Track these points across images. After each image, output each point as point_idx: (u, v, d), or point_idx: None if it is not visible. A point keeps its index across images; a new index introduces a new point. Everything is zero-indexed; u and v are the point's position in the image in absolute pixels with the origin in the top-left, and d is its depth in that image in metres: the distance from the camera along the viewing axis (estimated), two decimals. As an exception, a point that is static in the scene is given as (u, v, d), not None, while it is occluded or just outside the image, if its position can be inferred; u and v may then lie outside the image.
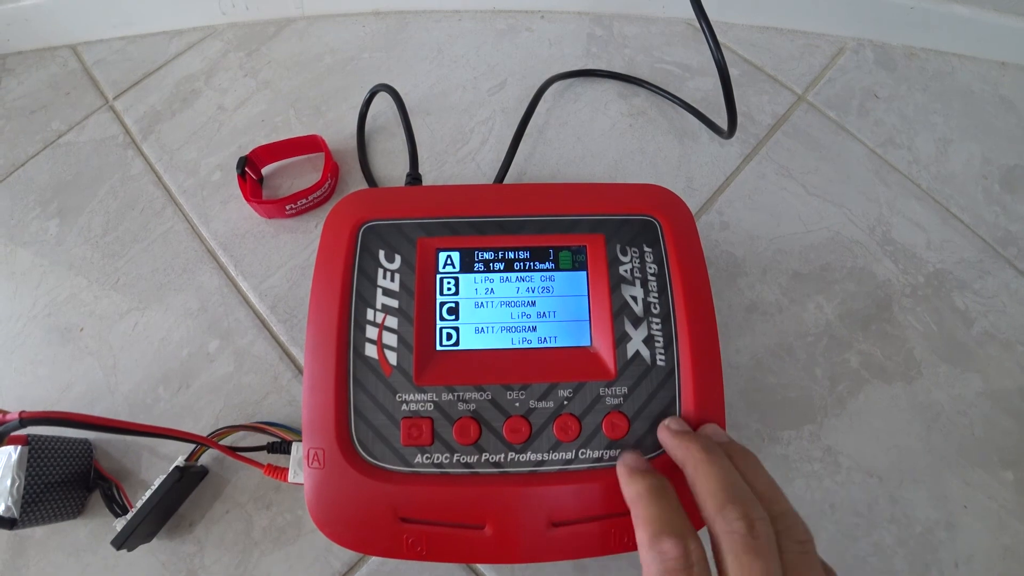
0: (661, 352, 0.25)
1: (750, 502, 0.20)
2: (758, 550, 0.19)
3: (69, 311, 0.38)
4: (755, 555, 0.19)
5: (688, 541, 0.19)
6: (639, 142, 0.44)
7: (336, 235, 0.27)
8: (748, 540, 0.19)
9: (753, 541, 0.19)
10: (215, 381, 0.35)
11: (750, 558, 0.19)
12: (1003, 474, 0.35)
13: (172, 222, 0.41)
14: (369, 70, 0.47)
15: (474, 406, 0.24)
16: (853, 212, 0.42)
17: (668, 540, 0.19)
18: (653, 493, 0.21)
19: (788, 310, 0.38)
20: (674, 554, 0.19)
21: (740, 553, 0.19)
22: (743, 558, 0.19)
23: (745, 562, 0.19)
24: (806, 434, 0.35)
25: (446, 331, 0.26)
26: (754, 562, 0.19)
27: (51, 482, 0.30)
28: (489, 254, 0.27)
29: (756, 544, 0.19)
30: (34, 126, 0.46)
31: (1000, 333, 0.39)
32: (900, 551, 0.33)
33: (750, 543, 0.19)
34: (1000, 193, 0.44)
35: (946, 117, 0.47)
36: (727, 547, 0.19)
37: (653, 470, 0.23)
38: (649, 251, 0.27)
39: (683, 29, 0.50)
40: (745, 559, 0.19)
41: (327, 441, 0.24)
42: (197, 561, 0.31)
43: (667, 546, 0.19)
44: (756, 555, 0.19)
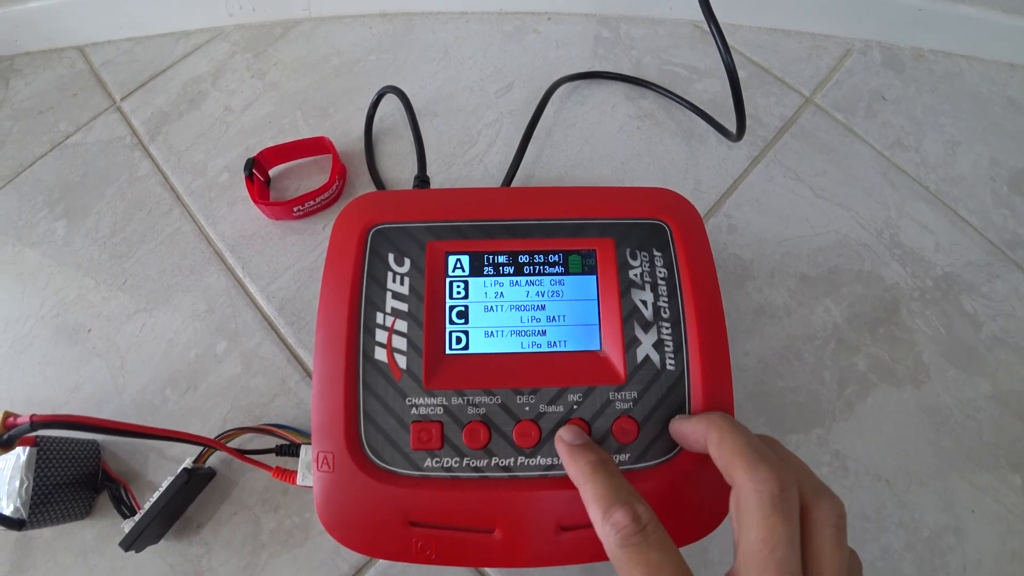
0: (671, 356, 0.25)
1: (781, 464, 0.19)
2: (785, 512, 0.18)
3: (77, 312, 0.38)
4: (782, 516, 0.18)
5: (636, 506, 0.20)
6: (647, 144, 0.44)
7: (345, 238, 0.27)
8: (778, 500, 0.18)
9: (783, 501, 0.18)
10: (223, 383, 0.35)
11: (777, 519, 0.18)
12: (1012, 478, 0.35)
13: (179, 223, 0.41)
14: (376, 72, 0.47)
15: (484, 410, 0.24)
16: (861, 215, 0.42)
17: (618, 511, 0.19)
18: (596, 469, 0.21)
19: (796, 313, 0.38)
20: (625, 522, 0.19)
21: (769, 513, 0.18)
22: (771, 519, 0.18)
23: (772, 523, 0.18)
24: (814, 438, 0.35)
25: (456, 335, 0.26)
26: (779, 523, 0.18)
27: (59, 483, 0.30)
28: (499, 258, 0.27)
29: (784, 505, 0.18)
30: (42, 127, 0.46)
31: (1009, 337, 0.38)
32: (908, 555, 0.32)
33: (779, 503, 0.18)
34: (1009, 195, 0.44)
35: (954, 119, 0.47)
36: (755, 504, 0.19)
37: (592, 444, 0.23)
38: (659, 255, 0.27)
39: (690, 31, 0.50)
40: (773, 520, 0.18)
41: (336, 445, 0.24)
42: (205, 563, 0.31)
43: (617, 516, 0.19)
44: (783, 516, 0.18)
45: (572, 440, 0.23)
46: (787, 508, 0.18)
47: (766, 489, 0.19)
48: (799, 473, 0.20)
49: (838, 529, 0.19)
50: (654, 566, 0.18)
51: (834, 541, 0.19)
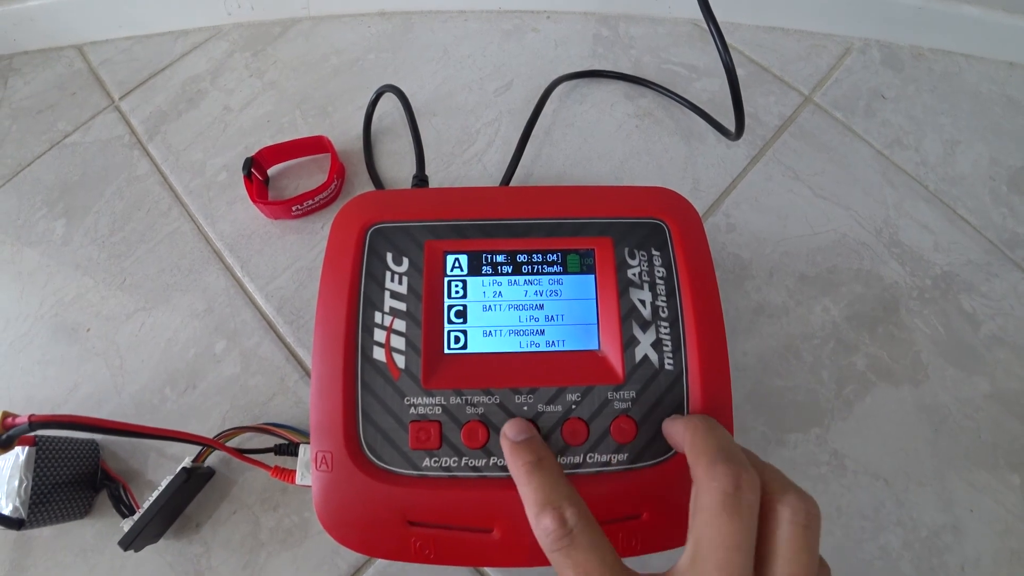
0: (669, 356, 0.25)
1: (743, 463, 0.19)
2: (736, 511, 0.18)
3: (76, 311, 0.38)
4: (731, 515, 0.18)
5: (565, 509, 0.19)
6: (646, 143, 0.44)
7: (343, 237, 0.27)
8: (729, 498, 0.18)
9: (734, 500, 0.18)
10: (222, 382, 0.35)
11: (726, 517, 0.18)
12: (1010, 478, 0.35)
13: (178, 223, 0.41)
14: (375, 71, 0.47)
15: (482, 410, 0.24)
16: (860, 214, 0.42)
17: (546, 516, 0.19)
18: (531, 470, 0.21)
19: (795, 312, 0.38)
20: (552, 527, 0.19)
21: (718, 510, 0.18)
22: (720, 516, 0.18)
23: (720, 521, 0.18)
24: (813, 437, 0.35)
25: (454, 334, 0.26)
26: (728, 522, 0.17)
27: (58, 482, 0.30)
28: (497, 257, 0.27)
29: (736, 505, 0.18)
30: (40, 126, 0.46)
31: (1008, 336, 0.39)
32: (906, 554, 0.32)
33: (730, 501, 0.18)
34: (1008, 194, 0.44)
35: (954, 118, 0.47)
36: (706, 501, 0.18)
37: (533, 440, 0.23)
38: (657, 255, 0.27)
39: (689, 29, 0.50)
40: (721, 518, 0.18)
41: (335, 444, 0.24)
42: (204, 562, 0.31)
43: (545, 521, 0.19)
44: (732, 515, 0.18)
45: (514, 436, 0.23)
46: (739, 508, 0.18)
47: (719, 485, 0.18)
48: (768, 475, 0.20)
49: (805, 528, 0.18)
50: (582, 567, 0.18)
51: (794, 541, 0.18)
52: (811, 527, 0.18)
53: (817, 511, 0.19)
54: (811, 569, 0.18)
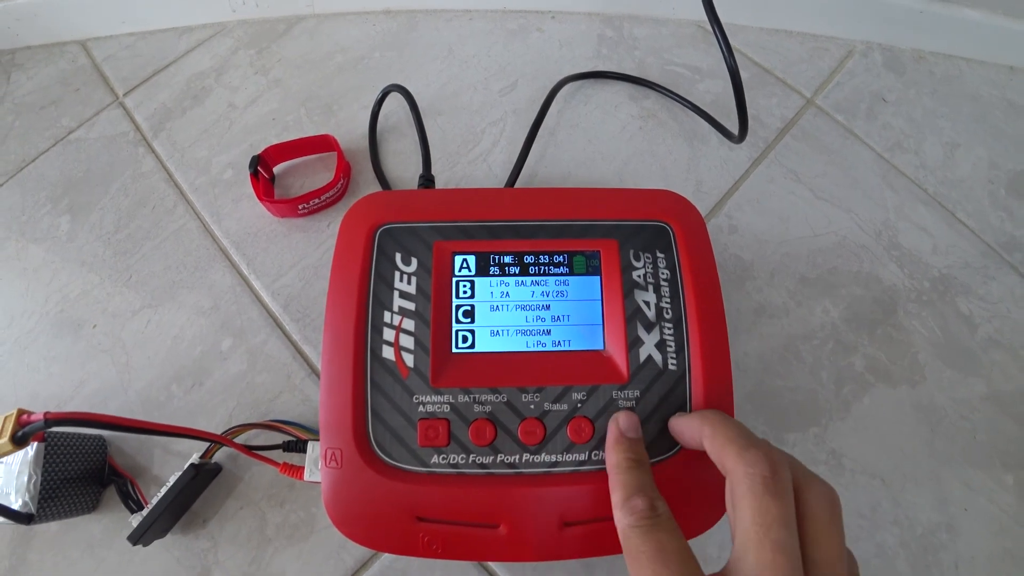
0: (673, 356, 0.26)
1: (772, 447, 0.20)
2: (777, 491, 0.18)
3: (81, 308, 0.38)
4: (775, 497, 0.18)
5: (656, 500, 0.21)
6: (649, 144, 0.44)
7: (352, 238, 0.27)
8: (769, 481, 0.18)
9: (775, 482, 0.18)
10: (228, 379, 0.36)
11: (770, 500, 0.18)
12: (1004, 478, 0.35)
13: (184, 220, 0.41)
14: (380, 69, 0.47)
15: (490, 408, 0.25)
16: (860, 217, 0.42)
17: (639, 498, 0.21)
18: (632, 464, 0.22)
19: (795, 313, 0.39)
20: (642, 506, 0.20)
21: (761, 494, 0.18)
22: (764, 500, 0.18)
23: (765, 504, 0.18)
24: (811, 436, 0.35)
25: (462, 334, 0.26)
26: (773, 503, 0.18)
27: (67, 478, 0.30)
28: (504, 258, 0.27)
29: (777, 485, 0.18)
30: (44, 122, 0.46)
31: (1004, 338, 0.39)
32: (902, 552, 0.33)
33: (771, 484, 0.18)
34: (1006, 198, 0.44)
35: (954, 121, 0.48)
36: (747, 487, 0.19)
37: (639, 442, 0.24)
38: (662, 257, 0.27)
39: (693, 31, 0.50)
40: (766, 500, 0.18)
41: (345, 441, 0.24)
42: (211, 557, 0.32)
43: (636, 501, 0.21)
44: (776, 497, 0.18)
45: (625, 431, 0.24)
46: (780, 489, 0.18)
47: (757, 471, 0.19)
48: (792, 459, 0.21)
49: (832, 514, 0.19)
50: (664, 545, 0.19)
51: (829, 524, 0.19)
52: (836, 513, 0.19)
53: (837, 497, 0.20)
54: (843, 551, 0.19)
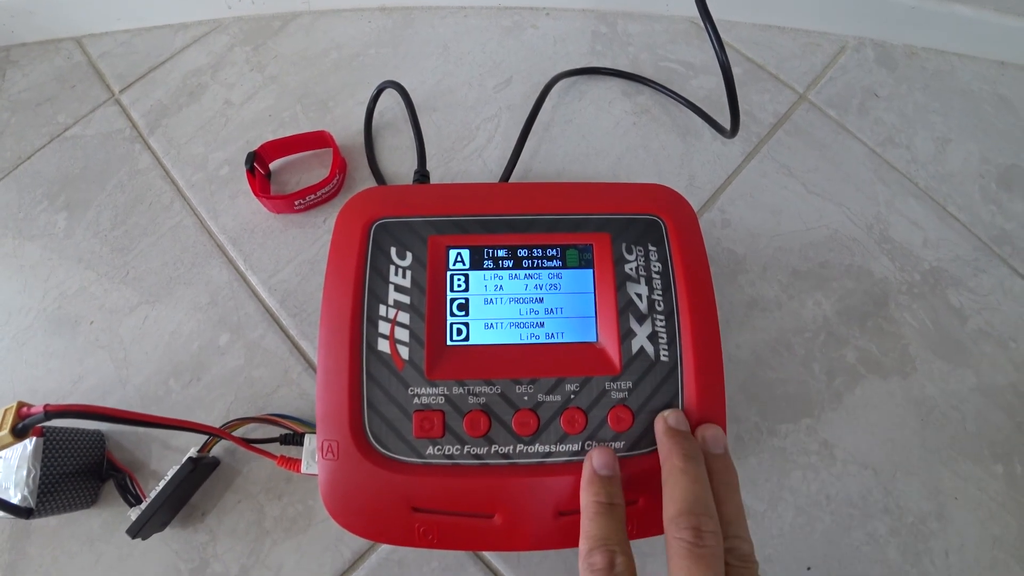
0: (665, 348, 0.26)
1: (706, 515, 0.21)
2: (701, 557, 0.20)
3: (79, 304, 0.38)
4: (696, 561, 0.20)
5: (616, 555, 0.21)
6: (643, 140, 0.45)
7: (348, 232, 0.27)
8: (693, 548, 0.20)
9: (698, 549, 0.20)
10: (226, 374, 0.36)
11: (691, 562, 0.20)
12: (993, 467, 0.36)
13: (181, 216, 0.41)
14: (375, 66, 0.47)
15: (484, 399, 0.25)
16: (852, 210, 0.43)
17: (598, 553, 0.21)
18: (600, 509, 0.23)
19: (787, 306, 0.39)
20: (600, 564, 0.21)
21: (684, 558, 0.20)
22: (685, 561, 0.20)
23: (686, 565, 0.20)
24: (803, 427, 0.36)
25: (457, 327, 0.27)
26: (694, 566, 0.20)
27: (65, 472, 0.30)
28: (498, 252, 0.28)
29: (700, 552, 0.20)
30: (40, 119, 0.46)
31: (994, 330, 0.40)
32: (893, 541, 0.34)
33: (695, 551, 0.20)
34: (997, 192, 0.45)
35: (945, 116, 0.48)
36: (674, 551, 0.21)
37: (615, 480, 0.24)
38: (654, 250, 0.28)
39: (687, 27, 0.51)
40: (687, 562, 0.20)
41: (341, 433, 0.25)
42: (210, 550, 0.32)
43: (596, 558, 0.21)
44: (697, 561, 0.20)
45: (598, 468, 0.24)
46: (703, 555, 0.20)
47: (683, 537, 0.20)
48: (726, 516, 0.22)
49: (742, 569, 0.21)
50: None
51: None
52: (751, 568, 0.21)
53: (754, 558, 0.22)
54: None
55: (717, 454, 0.24)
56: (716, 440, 0.24)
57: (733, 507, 0.23)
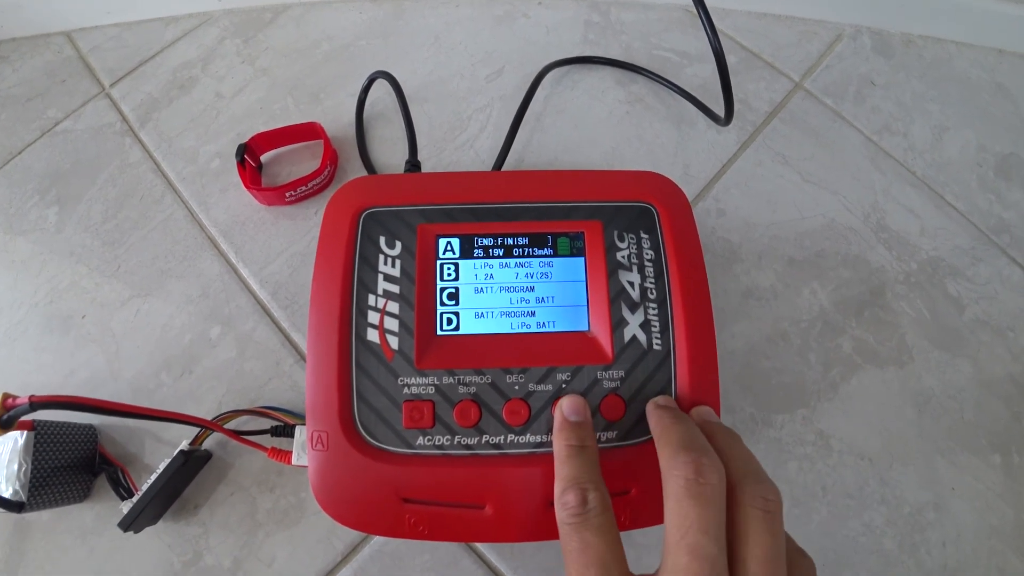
0: (657, 336, 0.26)
1: (704, 450, 0.20)
2: (700, 495, 0.18)
3: (70, 299, 0.38)
4: (695, 500, 0.18)
5: (589, 491, 0.20)
6: (636, 129, 0.44)
7: (337, 222, 0.27)
8: (692, 484, 0.18)
9: (697, 486, 0.18)
10: (217, 367, 0.36)
11: (689, 503, 0.18)
12: (991, 457, 0.35)
13: (172, 209, 0.41)
14: (366, 57, 0.47)
15: (474, 389, 0.25)
16: (848, 199, 0.43)
17: (570, 492, 0.20)
18: (572, 453, 0.22)
19: (783, 296, 0.39)
20: (573, 503, 0.20)
21: (681, 497, 0.18)
22: (683, 502, 0.18)
23: (684, 507, 0.18)
24: (799, 418, 0.36)
25: (446, 316, 0.26)
26: (692, 507, 0.18)
27: (57, 466, 0.30)
28: (488, 240, 0.27)
29: (699, 489, 0.18)
30: (30, 114, 0.45)
31: (991, 320, 0.39)
32: (889, 531, 0.33)
33: (693, 487, 0.18)
34: (994, 180, 0.44)
35: (942, 104, 0.48)
36: (670, 490, 0.19)
37: (585, 424, 0.23)
38: (646, 237, 0.27)
39: (680, 15, 0.50)
40: (685, 504, 0.18)
41: (330, 424, 0.24)
42: (202, 542, 0.32)
43: (568, 496, 0.20)
44: (696, 500, 0.18)
45: (568, 415, 0.24)
46: (702, 492, 0.18)
47: (681, 473, 0.19)
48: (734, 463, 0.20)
49: (766, 512, 0.19)
50: (587, 544, 0.19)
51: (760, 525, 0.19)
52: (772, 511, 0.19)
53: (776, 496, 0.19)
54: (776, 551, 0.19)
55: (714, 422, 0.23)
56: (711, 414, 0.24)
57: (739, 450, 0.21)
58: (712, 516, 0.18)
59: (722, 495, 0.19)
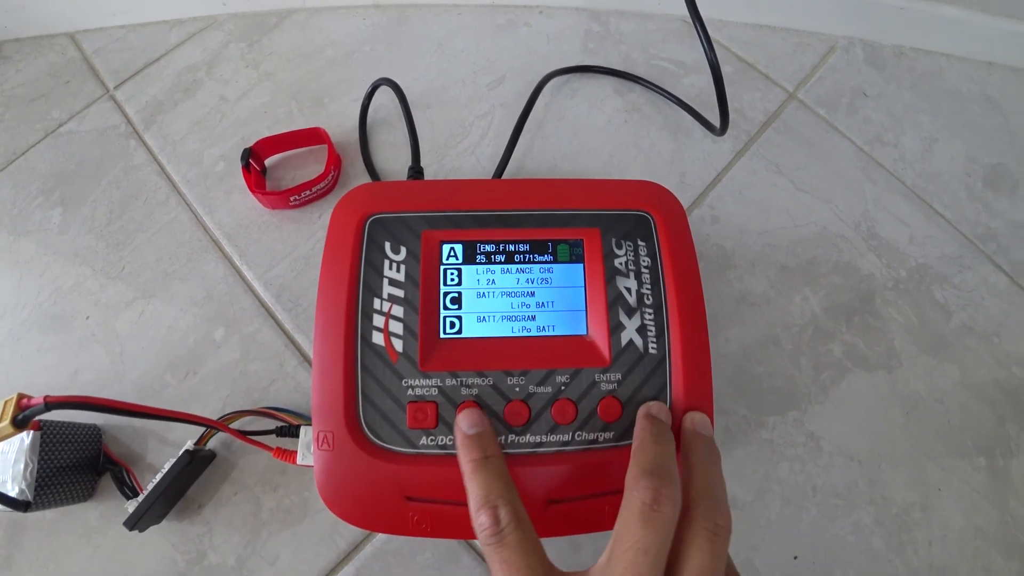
0: (653, 341, 0.27)
1: (667, 480, 0.20)
2: (650, 521, 0.19)
3: (75, 299, 0.39)
4: (645, 523, 0.19)
5: (500, 508, 0.21)
6: (634, 137, 0.45)
7: (343, 227, 0.28)
8: (646, 509, 0.19)
9: (650, 511, 0.19)
10: (222, 368, 0.36)
11: (639, 524, 0.19)
12: (977, 460, 0.36)
13: (176, 212, 0.41)
14: (370, 63, 0.48)
15: (476, 391, 0.26)
16: (840, 208, 0.44)
17: (482, 513, 0.21)
18: (476, 468, 0.22)
19: (775, 302, 0.40)
20: (486, 524, 0.20)
21: (634, 520, 0.19)
22: (634, 525, 0.19)
23: (633, 526, 0.19)
24: (790, 420, 0.37)
25: (449, 320, 0.27)
26: (640, 528, 0.19)
27: (63, 466, 0.31)
28: (491, 246, 0.28)
29: (651, 515, 0.19)
30: (34, 115, 0.46)
31: (978, 326, 0.40)
32: (877, 531, 0.34)
33: (646, 512, 0.19)
34: (983, 191, 0.46)
35: (933, 116, 0.49)
36: (626, 506, 0.20)
37: (484, 435, 0.24)
38: (643, 245, 0.28)
39: (679, 26, 0.51)
40: (635, 524, 0.19)
41: (336, 424, 0.25)
42: (207, 541, 0.32)
43: (481, 518, 0.21)
44: (645, 524, 0.19)
45: (466, 429, 0.24)
46: (653, 518, 0.19)
47: (639, 497, 0.20)
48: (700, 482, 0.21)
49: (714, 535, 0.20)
50: (508, 562, 0.20)
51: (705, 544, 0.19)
52: (719, 536, 0.20)
53: (727, 523, 0.20)
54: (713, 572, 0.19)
55: (705, 435, 0.24)
56: (705, 424, 0.25)
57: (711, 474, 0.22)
58: (656, 540, 0.19)
59: (672, 523, 0.20)
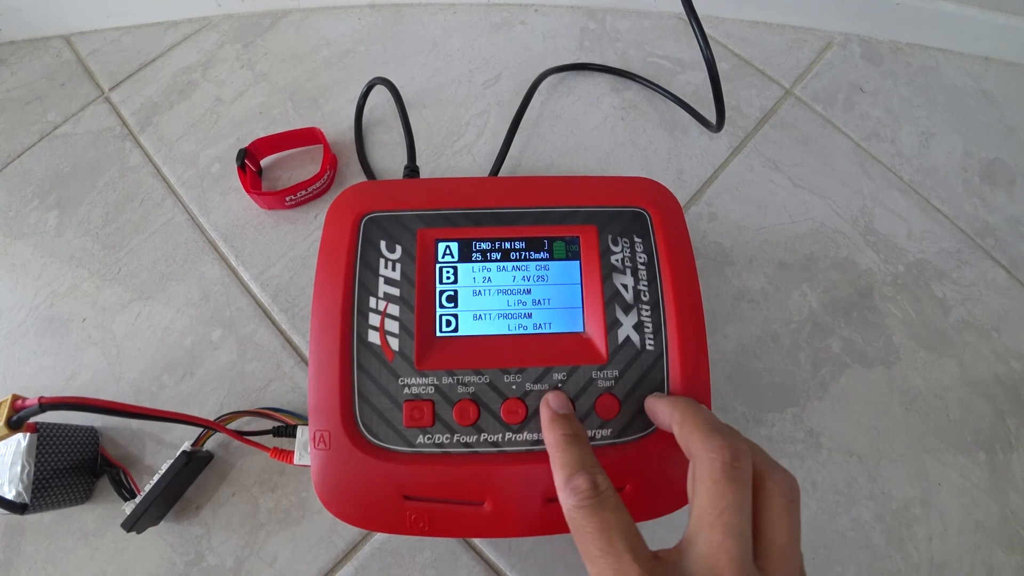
0: (650, 337, 0.27)
1: (736, 437, 0.20)
2: (735, 478, 0.19)
3: (71, 302, 0.38)
4: (732, 483, 0.19)
5: (597, 475, 0.21)
6: (631, 135, 0.45)
7: (339, 226, 0.28)
8: (728, 467, 0.19)
9: (733, 470, 0.19)
10: (219, 369, 0.36)
11: (726, 484, 0.19)
12: (976, 455, 0.36)
13: (172, 213, 0.41)
14: (366, 63, 0.48)
15: (473, 389, 0.26)
16: (837, 204, 0.43)
17: (580, 477, 0.21)
18: (569, 441, 0.23)
19: (773, 298, 0.40)
20: (585, 486, 0.20)
21: (718, 478, 0.19)
22: (720, 484, 0.19)
23: (721, 488, 0.19)
24: (789, 416, 0.37)
25: (446, 318, 0.27)
26: (729, 489, 0.19)
27: (60, 468, 0.31)
28: (486, 244, 0.28)
29: (735, 473, 0.19)
30: (29, 117, 0.46)
31: (976, 321, 0.40)
32: (877, 526, 0.34)
33: (729, 471, 0.19)
34: (980, 185, 0.46)
35: (929, 111, 0.49)
36: (706, 472, 0.19)
37: (572, 417, 0.24)
38: (639, 241, 0.28)
39: (675, 23, 0.51)
40: (722, 485, 0.19)
41: (333, 423, 0.25)
42: (204, 542, 0.32)
43: (578, 481, 0.21)
44: (732, 482, 0.19)
45: (556, 408, 0.24)
46: (738, 476, 0.19)
47: (718, 456, 0.19)
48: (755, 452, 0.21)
49: (790, 501, 0.20)
50: (607, 522, 0.19)
51: (786, 511, 0.20)
52: (796, 502, 0.20)
53: (797, 487, 0.21)
54: (797, 538, 0.20)
55: None
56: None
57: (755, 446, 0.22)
58: (746, 499, 0.19)
59: (751, 481, 0.20)
